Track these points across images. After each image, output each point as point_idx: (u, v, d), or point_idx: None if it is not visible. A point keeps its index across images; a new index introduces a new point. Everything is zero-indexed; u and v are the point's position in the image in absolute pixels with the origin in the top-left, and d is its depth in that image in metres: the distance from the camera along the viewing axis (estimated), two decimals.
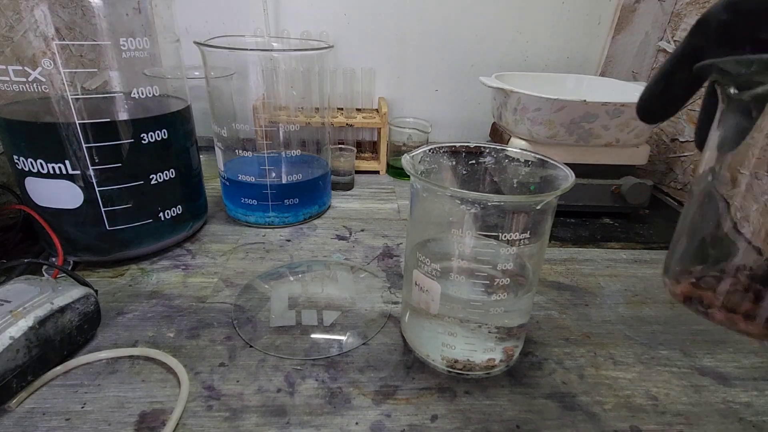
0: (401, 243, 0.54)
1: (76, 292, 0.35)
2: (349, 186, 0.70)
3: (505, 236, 0.29)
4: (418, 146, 0.35)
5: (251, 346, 0.37)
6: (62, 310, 0.33)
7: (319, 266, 0.49)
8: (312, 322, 0.40)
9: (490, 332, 0.33)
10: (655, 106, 0.24)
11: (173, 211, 0.48)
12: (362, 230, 0.57)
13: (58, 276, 0.41)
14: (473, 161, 0.37)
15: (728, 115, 0.19)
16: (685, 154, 0.68)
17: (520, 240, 0.29)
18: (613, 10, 0.78)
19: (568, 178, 0.30)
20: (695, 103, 0.65)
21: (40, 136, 0.40)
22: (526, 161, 0.35)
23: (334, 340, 0.38)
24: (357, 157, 0.75)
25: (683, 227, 0.22)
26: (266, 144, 0.54)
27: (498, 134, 0.68)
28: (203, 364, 0.35)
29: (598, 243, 0.56)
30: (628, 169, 0.60)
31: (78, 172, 0.41)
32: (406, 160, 0.32)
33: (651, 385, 0.35)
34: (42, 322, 0.32)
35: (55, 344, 0.33)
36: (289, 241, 0.54)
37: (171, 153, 0.46)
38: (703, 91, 0.22)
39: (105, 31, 0.39)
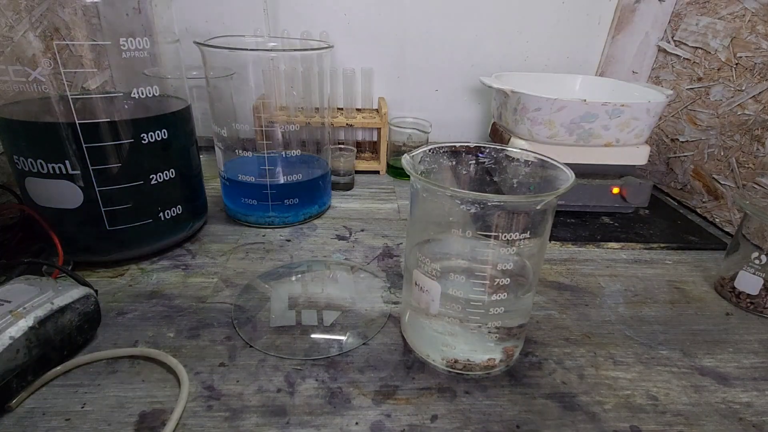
0: (401, 243, 0.54)
1: (76, 292, 0.35)
2: (349, 186, 0.70)
3: (505, 236, 0.29)
4: (418, 146, 0.35)
5: (251, 346, 0.37)
6: (62, 310, 0.33)
7: (319, 266, 0.49)
8: (312, 322, 0.40)
9: (490, 332, 0.33)
10: None
11: (173, 211, 0.48)
12: (362, 230, 0.57)
13: (58, 276, 0.41)
14: (473, 161, 0.37)
15: None
16: (685, 153, 0.68)
17: (520, 240, 0.29)
18: (613, 10, 0.78)
19: (568, 178, 0.30)
20: (695, 103, 0.65)
21: (40, 136, 0.40)
22: (526, 161, 0.35)
23: (334, 340, 0.38)
24: (357, 157, 0.75)
25: None
26: (266, 144, 0.53)
27: (498, 134, 0.68)
28: (203, 364, 0.35)
29: (598, 243, 0.56)
30: (628, 169, 0.60)
31: (78, 172, 0.41)
32: (406, 160, 0.32)
33: (651, 385, 0.35)
34: (42, 322, 0.32)
35: (55, 344, 0.33)
36: (289, 241, 0.54)
37: (171, 153, 0.46)
38: (702, 92, 0.22)
39: (105, 31, 0.39)
